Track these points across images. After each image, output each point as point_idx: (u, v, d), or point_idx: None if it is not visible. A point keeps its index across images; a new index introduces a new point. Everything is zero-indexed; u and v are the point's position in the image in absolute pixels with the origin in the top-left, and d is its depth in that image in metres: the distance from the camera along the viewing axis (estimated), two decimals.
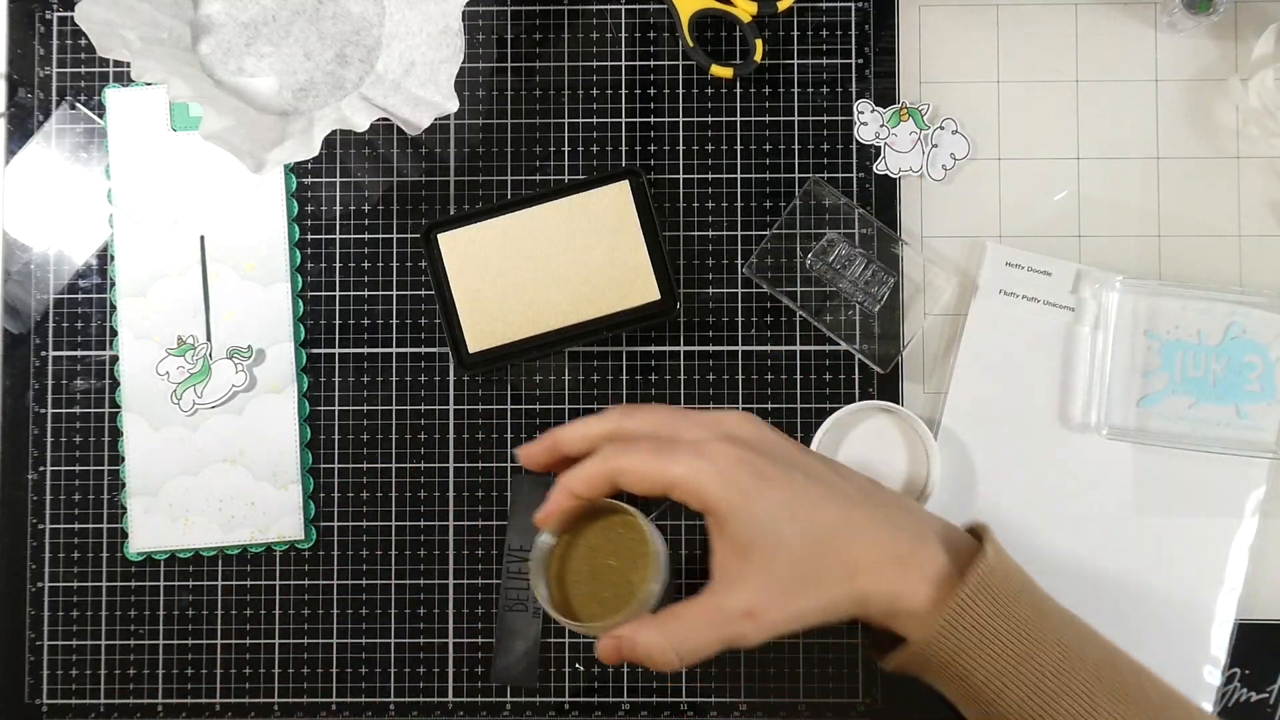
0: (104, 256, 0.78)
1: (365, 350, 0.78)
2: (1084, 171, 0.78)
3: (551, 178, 0.78)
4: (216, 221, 0.78)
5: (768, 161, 0.78)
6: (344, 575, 0.77)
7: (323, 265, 0.78)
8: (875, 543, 0.62)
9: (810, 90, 0.78)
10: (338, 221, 0.78)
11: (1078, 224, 0.77)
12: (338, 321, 0.78)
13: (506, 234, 0.76)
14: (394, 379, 0.78)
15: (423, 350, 0.78)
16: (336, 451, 0.78)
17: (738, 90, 0.78)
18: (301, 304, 0.78)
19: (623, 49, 0.79)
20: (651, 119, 0.79)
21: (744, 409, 0.77)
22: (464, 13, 0.72)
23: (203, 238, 0.78)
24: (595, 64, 0.79)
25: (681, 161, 0.78)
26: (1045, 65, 0.78)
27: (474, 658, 0.77)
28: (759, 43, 0.77)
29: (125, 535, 0.77)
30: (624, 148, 0.78)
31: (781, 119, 0.78)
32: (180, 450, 0.77)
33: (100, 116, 0.79)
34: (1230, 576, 0.75)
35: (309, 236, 0.78)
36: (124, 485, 0.77)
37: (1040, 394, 0.76)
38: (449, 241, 0.76)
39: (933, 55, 0.78)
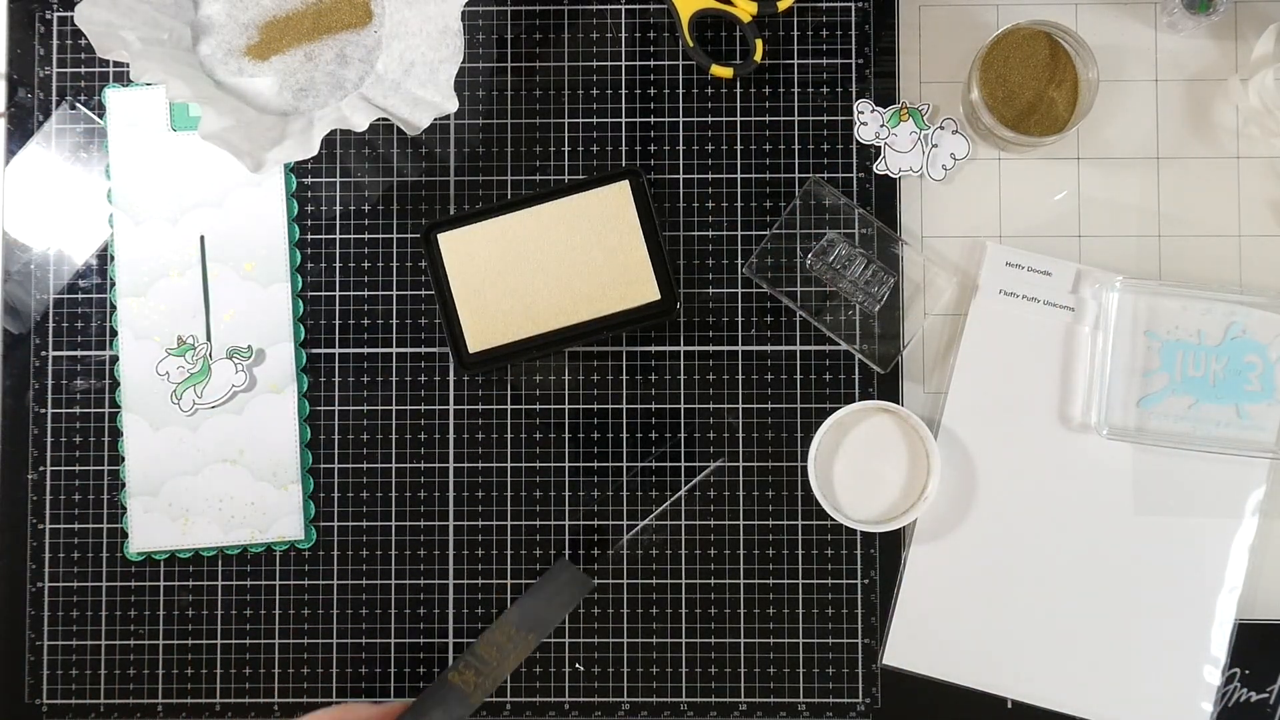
0: (104, 256, 0.78)
1: (365, 350, 0.78)
2: (1084, 171, 0.78)
3: (551, 178, 0.78)
4: (216, 221, 0.78)
5: (768, 161, 0.78)
6: (344, 575, 0.77)
7: (323, 265, 0.78)
8: None
9: (810, 90, 0.78)
10: (338, 221, 0.78)
11: (1078, 224, 0.77)
12: (338, 321, 0.78)
13: (506, 234, 0.76)
14: (394, 379, 0.78)
15: (423, 350, 0.78)
16: (336, 451, 0.78)
17: (738, 90, 0.78)
18: (301, 304, 0.78)
19: (623, 49, 0.79)
20: (651, 119, 0.79)
21: (744, 408, 0.77)
22: (464, 13, 0.72)
23: (203, 238, 0.78)
24: (595, 64, 0.79)
25: (681, 161, 0.78)
26: None
27: None
28: (759, 43, 0.77)
29: (125, 535, 0.77)
30: (624, 148, 0.78)
31: (781, 119, 0.78)
32: (180, 450, 0.77)
33: (100, 116, 0.79)
34: (1230, 576, 0.75)
35: (309, 236, 0.78)
36: (124, 485, 0.77)
37: (1040, 394, 0.76)
38: (449, 241, 0.76)
39: (933, 55, 0.78)
